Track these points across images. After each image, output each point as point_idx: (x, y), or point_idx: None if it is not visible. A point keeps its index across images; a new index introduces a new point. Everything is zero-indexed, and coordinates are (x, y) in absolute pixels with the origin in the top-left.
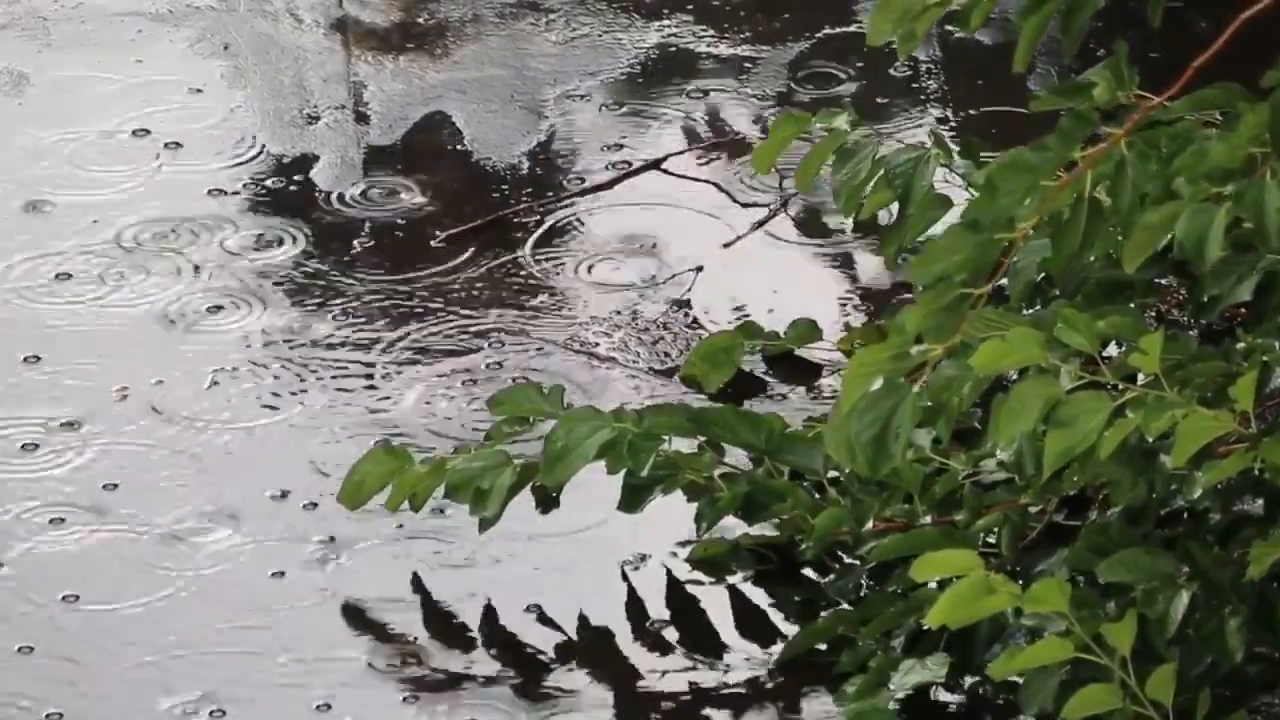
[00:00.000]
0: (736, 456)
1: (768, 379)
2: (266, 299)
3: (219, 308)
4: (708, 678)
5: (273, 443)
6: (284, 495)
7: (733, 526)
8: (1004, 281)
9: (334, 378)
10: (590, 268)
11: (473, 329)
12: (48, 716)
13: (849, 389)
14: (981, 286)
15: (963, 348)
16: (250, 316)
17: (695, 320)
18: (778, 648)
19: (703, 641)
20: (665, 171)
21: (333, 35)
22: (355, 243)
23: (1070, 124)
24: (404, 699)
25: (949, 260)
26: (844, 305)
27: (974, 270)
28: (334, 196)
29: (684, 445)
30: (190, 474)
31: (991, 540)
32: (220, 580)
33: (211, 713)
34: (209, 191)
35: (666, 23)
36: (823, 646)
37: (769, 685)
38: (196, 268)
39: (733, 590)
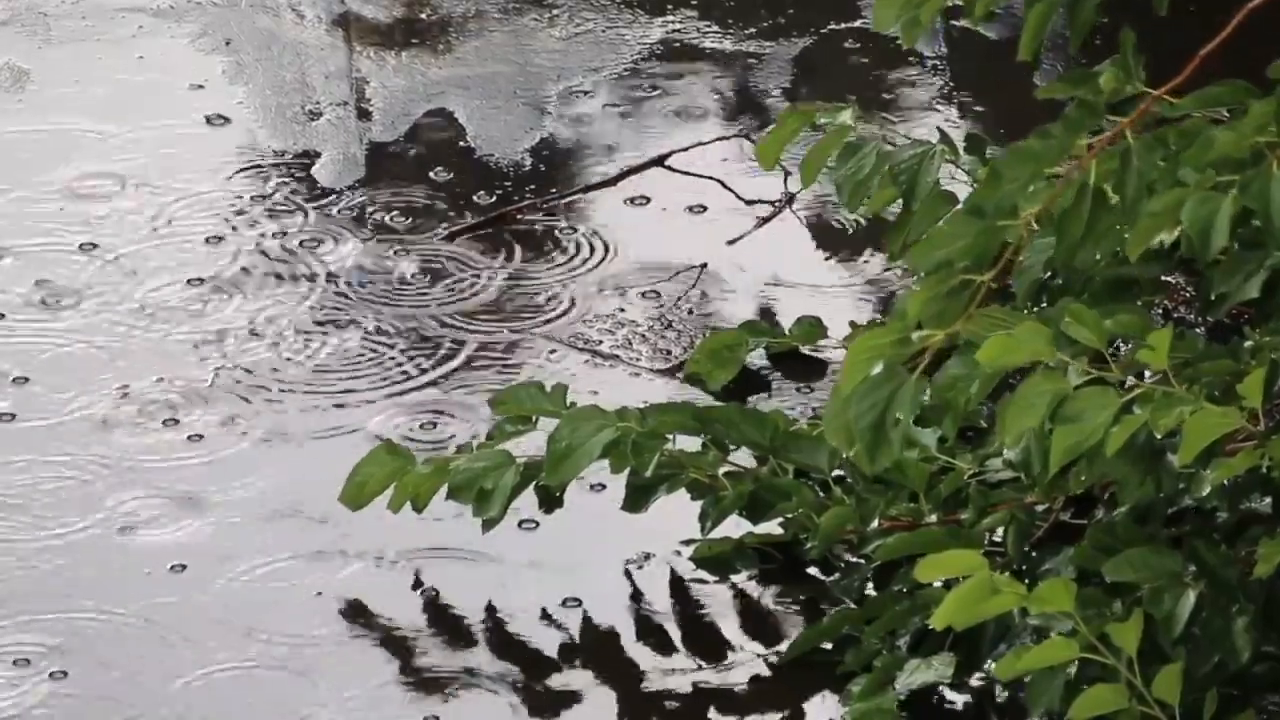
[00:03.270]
0: (741, 455)
1: (772, 377)
2: (261, 298)
3: (208, 301)
4: (711, 677)
5: (272, 449)
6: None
7: (737, 525)
8: (1010, 282)
9: (328, 375)
10: (592, 265)
11: (474, 327)
12: None
13: (849, 374)
14: (984, 274)
15: (968, 346)
16: (241, 316)
17: (699, 318)
18: (782, 647)
19: (706, 641)
20: (669, 168)
21: (335, 31)
22: (357, 241)
23: (1077, 113)
24: (406, 699)
25: (951, 246)
26: (849, 303)
27: (976, 257)
28: (335, 194)
29: (688, 444)
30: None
31: (997, 539)
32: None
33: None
34: (209, 189)
35: (670, 18)
36: (827, 646)
37: (773, 684)
38: (191, 266)
39: (737, 589)
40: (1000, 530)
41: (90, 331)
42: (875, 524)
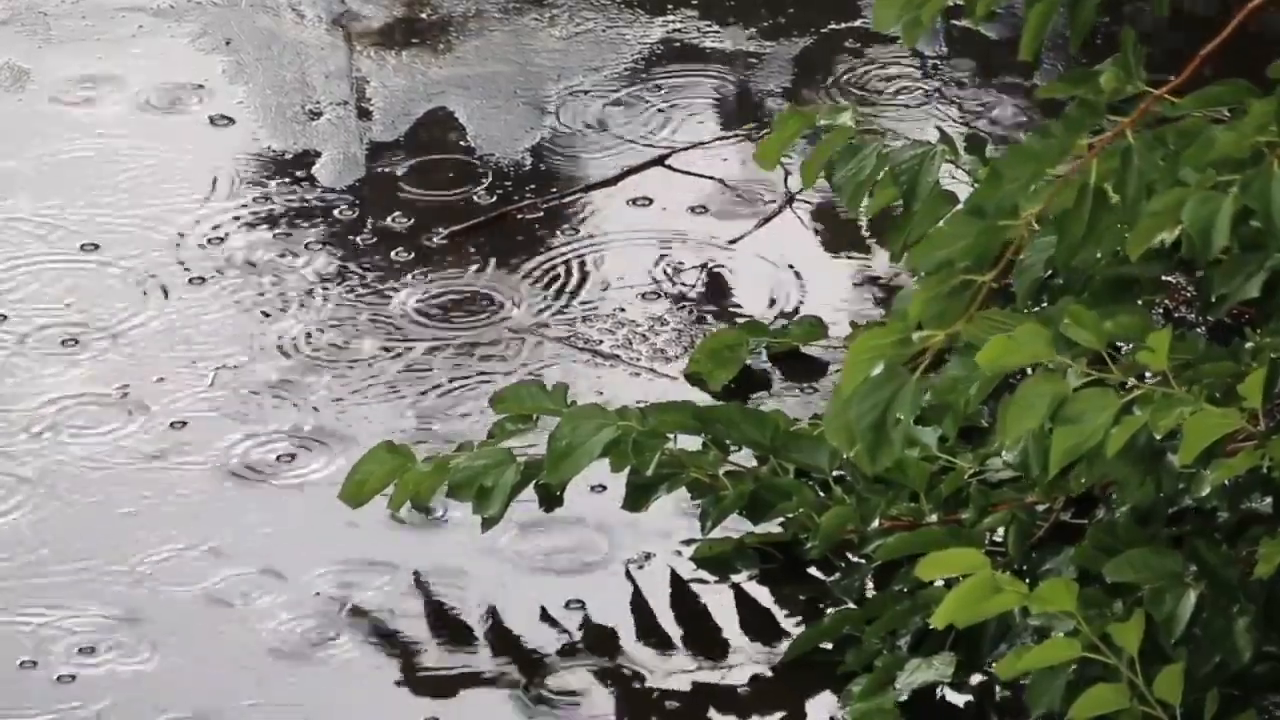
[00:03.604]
0: (741, 455)
1: (772, 376)
2: (262, 298)
3: (209, 300)
4: (712, 677)
5: (270, 449)
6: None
7: (737, 525)
8: (1010, 281)
9: (328, 374)
10: (593, 265)
11: (475, 326)
12: None
13: (850, 374)
14: (984, 274)
15: (968, 348)
16: (242, 316)
17: (699, 317)
18: (782, 647)
19: (707, 641)
20: (669, 168)
21: (335, 31)
22: (359, 240)
23: (1077, 112)
24: (406, 699)
25: (952, 246)
26: (849, 302)
27: (977, 257)
28: (336, 194)
29: (689, 443)
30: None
31: (998, 539)
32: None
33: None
34: (210, 189)
35: (671, 18)
36: (828, 646)
37: (773, 684)
38: (191, 265)
39: (737, 589)
40: (1001, 530)
41: (90, 331)
42: (876, 524)
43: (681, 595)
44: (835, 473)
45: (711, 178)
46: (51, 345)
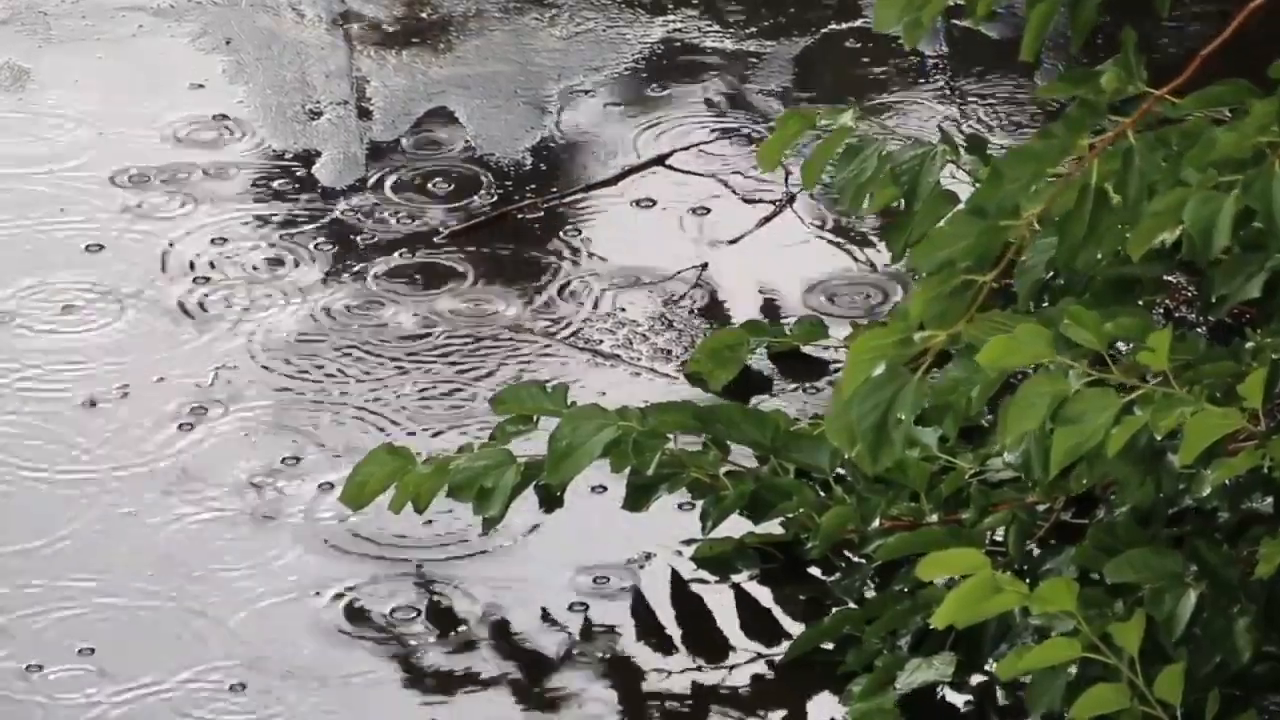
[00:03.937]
0: (742, 455)
1: (773, 376)
2: (262, 298)
3: (210, 300)
4: (712, 677)
5: (269, 449)
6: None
7: (738, 525)
8: (1011, 282)
9: (329, 376)
10: (593, 265)
11: (475, 326)
12: None
13: (851, 374)
14: (985, 274)
15: (969, 350)
16: (242, 317)
17: (700, 317)
18: (783, 647)
19: (707, 641)
20: (670, 167)
21: (335, 30)
22: (359, 240)
23: (1078, 112)
24: (406, 699)
25: (953, 246)
26: (850, 302)
27: (978, 257)
28: (336, 193)
29: (689, 443)
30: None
31: (999, 539)
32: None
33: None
34: (210, 188)
35: (671, 17)
36: (828, 646)
37: (773, 684)
38: (193, 265)
39: (738, 589)
40: (1001, 530)
41: (91, 331)
42: (876, 524)
43: (681, 595)
44: (836, 473)
45: (712, 178)
46: (51, 345)
